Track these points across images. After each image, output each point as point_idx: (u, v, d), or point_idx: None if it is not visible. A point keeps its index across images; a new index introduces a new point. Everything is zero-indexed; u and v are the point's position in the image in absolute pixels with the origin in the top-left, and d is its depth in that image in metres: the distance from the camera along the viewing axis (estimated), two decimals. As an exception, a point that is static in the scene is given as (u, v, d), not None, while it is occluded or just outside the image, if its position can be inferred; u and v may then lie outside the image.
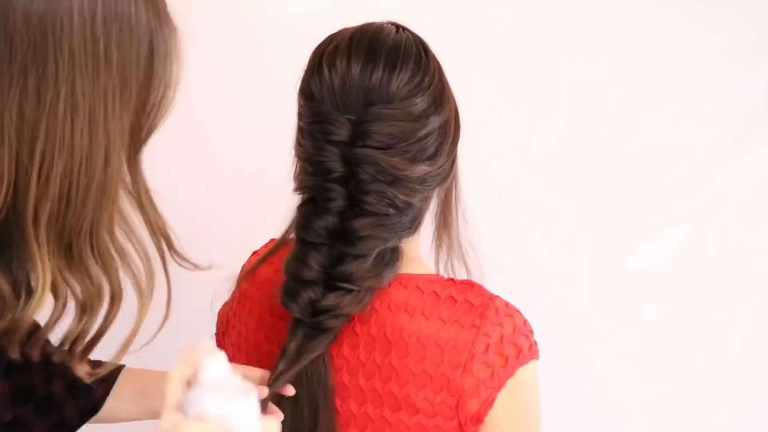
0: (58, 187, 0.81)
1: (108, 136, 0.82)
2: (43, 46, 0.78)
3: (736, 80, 1.92)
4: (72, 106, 0.79)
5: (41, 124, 0.79)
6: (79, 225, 0.83)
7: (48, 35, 0.78)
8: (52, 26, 0.78)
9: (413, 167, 1.03)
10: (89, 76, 0.80)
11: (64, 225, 0.82)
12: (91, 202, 0.83)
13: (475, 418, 1.04)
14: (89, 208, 0.83)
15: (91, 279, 0.85)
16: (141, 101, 0.85)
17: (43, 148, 0.79)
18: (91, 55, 0.79)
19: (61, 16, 0.78)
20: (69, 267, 0.84)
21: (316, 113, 1.04)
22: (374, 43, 1.04)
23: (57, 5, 0.78)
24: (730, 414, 2.02)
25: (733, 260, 1.99)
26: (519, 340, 1.05)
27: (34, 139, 0.79)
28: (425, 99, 1.03)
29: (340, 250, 1.05)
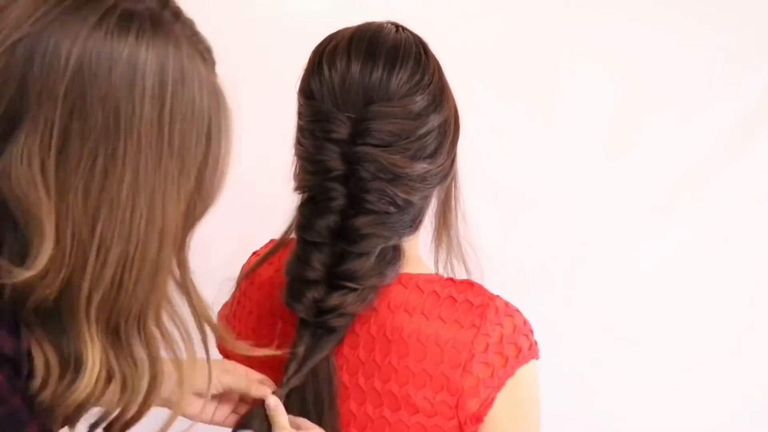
0: (113, 270, 0.81)
1: (164, 220, 0.82)
2: (116, 129, 0.78)
3: (736, 80, 1.92)
4: (134, 190, 0.80)
5: (104, 206, 0.79)
6: (129, 309, 0.83)
7: (121, 118, 0.78)
8: (125, 109, 0.78)
9: (413, 165, 1.03)
10: (153, 161, 0.80)
11: (114, 307, 0.82)
12: (143, 286, 0.83)
13: (475, 418, 1.03)
14: (140, 292, 0.83)
15: (134, 360, 0.85)
16: (197, 184, 0.85)
17: (103, 231, 0.79)
18: (156, 141, 0.80)
19: (135, 99, 0.78)
20: (114, 347, 0.84)
21: (316, 112, 1.04)
22: (374, 42, 1.04)
23: (132, 89, 0.78)
24: (730, 414, 2.02)
25: (734, 260, 1.99)
26: (519, 339, 1.05)
27: (95, 220, 0.79)
28: (425, 97, 1.04)
29: (342, 249, 1.05)
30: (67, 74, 0.76)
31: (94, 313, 0.82)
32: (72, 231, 0.79)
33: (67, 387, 0.82)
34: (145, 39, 0.79)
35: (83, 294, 0.80)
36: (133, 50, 0.78)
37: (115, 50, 0.77)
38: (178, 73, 0.80)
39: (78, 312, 0.81)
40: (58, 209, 0.78)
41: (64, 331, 0.82)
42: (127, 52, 0.78)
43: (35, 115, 0.76)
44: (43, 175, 0.77)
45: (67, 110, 0.76)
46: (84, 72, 0.76)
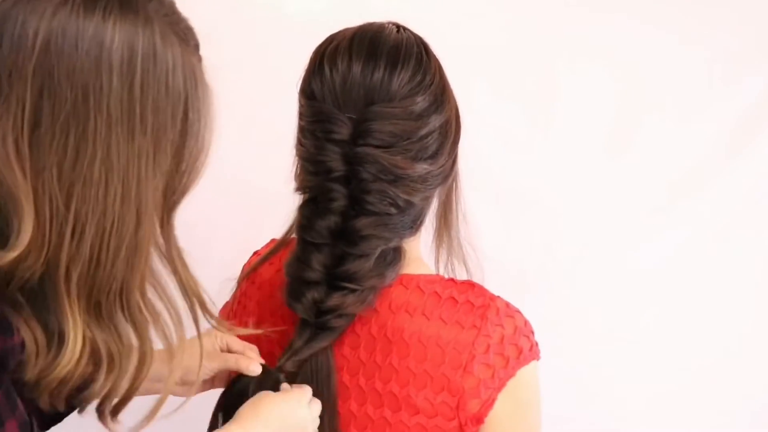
0: (89, 248, 0.81)
1: (140, 198, 0.83)
2: (85, 106, 0.78)
3: (736, 80, 1.92)
4: (107, 167, 0.80)
5: (77, 184, 0.80)
6: (109, 285, 0.84)
7: (90, 95, 0.78)
8: (93, 86, 0.78)
9: (414, 166, 1.03)
10: (125, 138, 0.80)
11: (93, 284, 0.83)
12: (121, 263, 0.83)
13: (476, 419, 1.03)
14: (119, 269, 0.83)
15: (120, 337, 0.86)
16: (175, 163, 0.85)
17: (77, 208, 0.80)
18: (128, 118, 0.80)
19: (102, 76, 0.79)
20: (98, 324, 0.85)
21: (317, 112, 1.04)
22: (375, 43, 1.04)
23: (99, 65, 0.78)
24: (730, 414, 2.02)
25: (734, 260, 1.99)
26: (520, 340, 1.05)
27: (69, 198, 0.80)
28: (426, 98, 1.04)
29: (342, 250, 1.05)
30: (35, 53, 0.77)
31: (74, 289, 0.82)
32: (49, 209, 0.79)
33: (50, 362, 0.83)
34: (111, 16, 0.79)
35: (61, 271, 0.81)
36: (100, 27, 0.78)
37: (81, 27, 0.78)
38: (148, 51, 0.80)
39: (59, 289, 0.82)
40: (35, 188, 0.79)
41: (48, 308, 0.83)
42: (93, 29, 0.78)
43: (7, 95, 0.78)
44: (17, 155, 0.78)
45: (37, 89, 0.77)
46: (51, 50, 0.77)
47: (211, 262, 1.65)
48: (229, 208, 1.87)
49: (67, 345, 0.82)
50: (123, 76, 0.79)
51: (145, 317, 0.88)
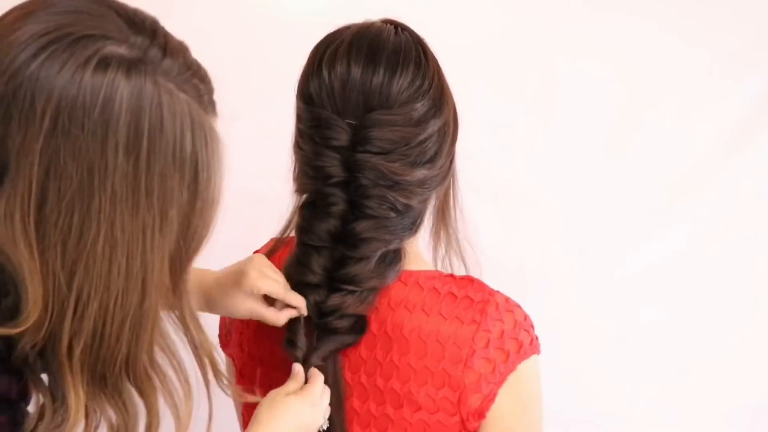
0: (92, 323, 0.80)
1: (146, 269, 0.81)
2: (90, 185, 0.77)
3: (736, 79, 1.92)
4: (111, 244, 0.79)
5: (81, 262, 0.78)
6: (114, 358, 0.83)
7: (95, 174, 0.77)
8: (98, 166, 0.77)
9: (413, 172, 1.03)
10: (129, 213, 0.79)
11: (98, 358, 0.82)
12: (127, 336, 0.82)
13: (477, 414, 1.04)
14: (124, 341, 0.83)
15: (126, 407, 0.85)
16: (183, 228, 0.84)
17: (80, 285, 0.79)
18: (132, 193, 0.79)
19: (108, 155, 0.77)
20: (104, 395, 0.84)
21: (316, 118, 1.04)
22: (374, 46, 1.03)
23: (105, 144, 0.77)
24: (730, 414, 2.02)
25: (733, 260, 1.99)
26: (520, 335, 1.05)
27: (72, 275, 0.79)
28: (425, 103, 1.03)
29: (342, 253, 1.05)
30: (42, 132, 0.75)
31: (77, 363, 0.82)
32: (52, 286, 0.78)
33: (51, 427, 0.82)
34: (119, 88, 0.77)
35: (63, 345, 0.80)
36: (106, 103, 0.76)
37: (88, 105, 0.76)
38: (155, 120, 0.78)
39: (61, 362, 0.81)
40: (41, 267, 0.78)
41: (53, 377, 0.83)
42: (100, 106, 0.76)
43: (14, 174, 0.76)
44: (24, 234, 0.77)
45: (44, 168, 0.76)
46: (57, 129, 0.76)
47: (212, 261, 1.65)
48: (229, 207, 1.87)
49: (68, 416, 0.82)
50: (129, 151, 0.78)
51: (153, 384, 0.87)
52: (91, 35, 0.77)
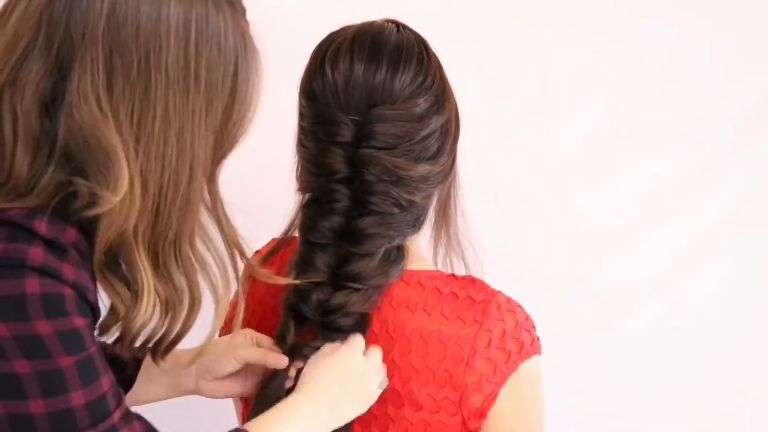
0: (151, 200, 0.86)
1: (194, 152, 0.88)
2: (146, 66, 0.84)
3: (736, 79, 1.92)
4: (165, 124, 0.85)
5: (141, 140, 0.85)
6: (165, 236, 0.89)
7: (151, 55, 0.84)
8: (153, 47, 0.84)
9: (416, 167, 1.04)
10: (181, 96, 0.86)
11: (152, 235, 0.88)
12: (176, 215, 0.88)
13: (479, 413, 1.04)
14: (174, 220, 0.88)
15: (174, 285, 0.91)
16: (224, 119, 0.90)
17: (142, 164, 0.85)
18: (183, 76, 0.85)
19: (161, 37, 0.84)
20: (156, 273, 0.89)
21: (320, 114, 1.04)
22: (377, 43, 1.04)
23: (158, 27, 0.84)
24: (730, 414, 2.02)
25: (734, 260, 1.99)
26: (521, 335, 1.05)
27: (136, 153, 0.85)
28: (428, 99, 1.04)
29: (346, 250, 1.05)
30: (103, 15, 0.82)
31: (141, 241, 0.87)
32: (126, 164, 0.84)
33: (132, 313, 0.88)
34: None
35: (131, 224, 0.86)
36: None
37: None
38: (202, 13, 0.86)
39: (129, 243, 0.87)
40: (120, 139, 0.84)
41: (122, 262, 0.89)
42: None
43: (83, 56, 0.83)
44: (101, 111, 0.83)
45: (107, 49, 0.83)
46: (117, 13, 0.82)
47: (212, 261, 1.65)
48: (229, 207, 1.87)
49: (142, 296, 0.88)
50: (179, 37, 0.84)
51: (194, 266, 0.92)
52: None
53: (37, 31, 0.83)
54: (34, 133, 0.84)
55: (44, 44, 0.83)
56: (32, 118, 0.84)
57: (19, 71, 0.84)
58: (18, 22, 0.84)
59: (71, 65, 0.83)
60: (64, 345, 0.82)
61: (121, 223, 0.85)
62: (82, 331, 0.84)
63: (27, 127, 0.84)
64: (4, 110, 0.84)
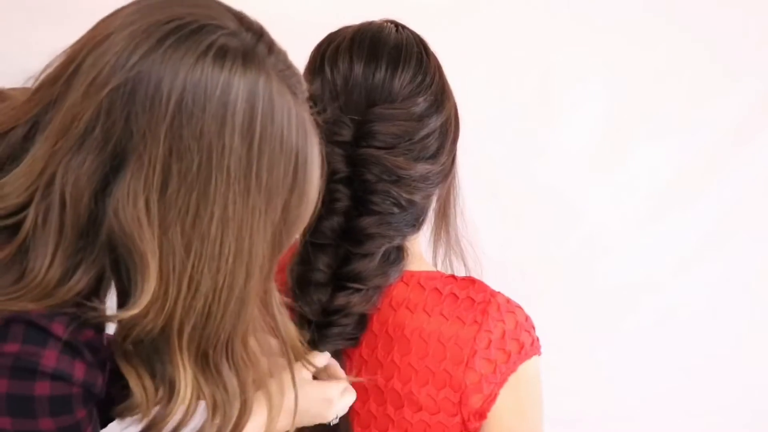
0: (203, 301, 0.83)
1: (252, 252, 0.84)
2: (208, 166, 0.80)
3: (736, 79, 1.92)
4: (223, 224, 0.82)
5: (195, 241, 0.81)
6: (217, 336, 0.86)
7: (213, 155, 0.80)
8: (216, 147, 0.80)
9: (416, 166, 1.04)
10: (241, 196, 0.82)
11: (203, 336, 0.85)
12: (230, 316, 0.85)
13: (478, 414, 1.04)
14: (228, 321, 0.86)
15: (225, 386, 0.89)
16: (284, 215, 0.86)
17: (194, 265, 0.82)
18: (244, 176, 0.81)
19: (225, 137, 0.80)
20: (204, 374, 0.87)
21: (319, 114, 1.04)
22: (376, 43, 1.04)
23: (223, 127, 0.80)
24: (730, 414, 2.02)
25: (734, 260, 1.99)
26: (521, 335, 1.05)
27: (187, 254, 0.81)
28: (427, 98, 1.04)
29: (346, 250, 1.05)
30: (168, 114, 0.78)
31: (186, 341, 0.85)
32: (171, 266, 0.81)
33: (162, 411, 0.86)
34: (236, 76, 0.80)
35: (175, 324, 0.83)
36: (225, 89, 0.80)
37: (209, 89, 0.79)
38: (267, 109, 0.82)
39: (171, 341, 0.84)
40: (161, 246, 0.81)
41: (158, 360, 0.86)
42: (220, 91, 0.79)
43: (140, 154, 0.79)
44: (147, 213, 0.80)
45: (167, 149, 0.79)
46: (182, 112, 0.79)
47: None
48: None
49: (178, 394, 0.85)
50: (244, 136, 0.81)
51: (247, 366, 0.90)
52: (209, 24, 0.81)
53: (96, 119, 0.79)
54: (81, 223, 0.81)
55: (101, 135, 0.79)
56: (81, 208, 0.81)
57: (72, 159, 0.80)
58: (76, 104, 0.80)
59: (126, 159, 0.79)
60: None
61: (148, 322, 0.82)
62: (83, 422, 0.83)
63: (74, 217, 0.81)
64: (53, 198, 0.80)
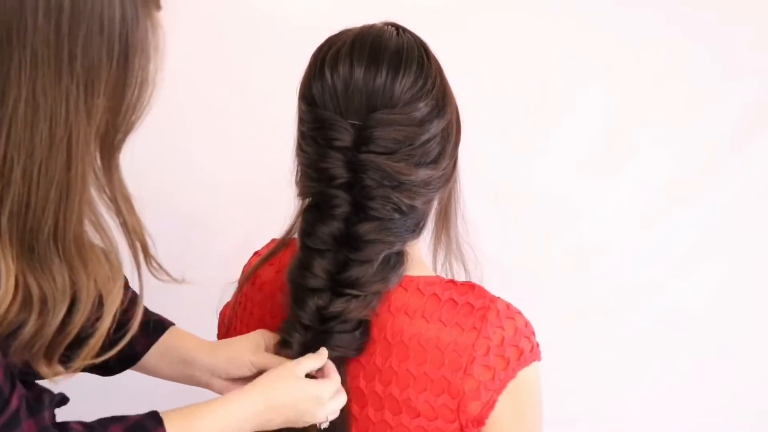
0: (17, 190, 0.80)
1: (71, 138, 0.80)
2: (8, 46, 0.77)
3: (736, 80, 1.92)
4: (33, 108, 0.78)
5: (3, 125, 0.78)
6: (40, 228, 0.82)
7: (12, 35, 0.76)
8: (16, 25, 0.76)
9: (417, 171, 1.03)
10: (51, 78, 0.78)
11: (24, 227, 0.81)
12: (52, 205, 0.81)
13: (477, 421, 1.04)
14: (50, 211, 0.82)
15: (54, 280, 0.84)
16: (115, 102, 0.83)
17: (3, 151, 0.79)
18: (54, 56, 0.78)
19: (26, 15, 0.76)
20: (31, 268, 0.83)
21: (319, 119, 1.03)
22: (377, 47, 1.03)
23: (22, 3, 0.76)
24: (731, 414, 2.03)
25: (733, 260, 1.99)
26: (520, 342, 1.05)
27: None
28: (428, 103, 1.03)
29: (345, 256, 1.04)
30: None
31: (4, 232, 0.81)
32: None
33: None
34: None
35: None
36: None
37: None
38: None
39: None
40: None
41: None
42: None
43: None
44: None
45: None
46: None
47: (212, 261, 1.66)
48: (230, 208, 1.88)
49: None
50: (49, 13, 0.77)
51: (82, 259, 0.85)
52: None
53: None
54: None
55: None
56: None
57: None
58: None
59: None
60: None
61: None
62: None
63: None
64: None
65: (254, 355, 1.11)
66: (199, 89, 1.74)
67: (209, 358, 1.15)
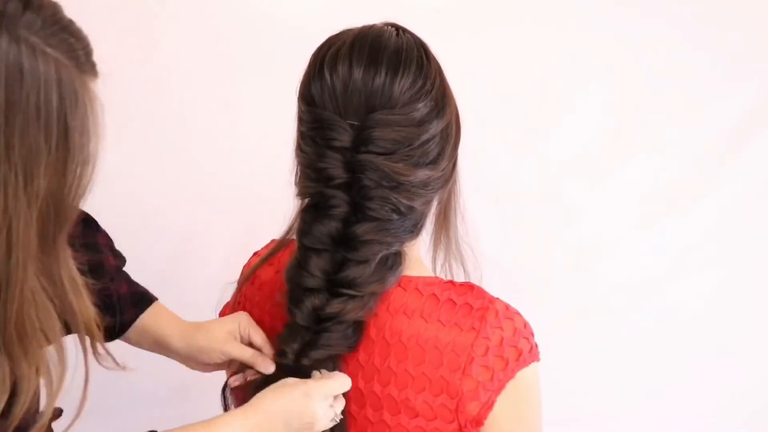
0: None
1: (10, 227, 0.78)
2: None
3: (736, 80, 1.92)
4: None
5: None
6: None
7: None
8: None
9: (416, 172, 1.03)
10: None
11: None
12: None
13: (475, 421, 1.03)
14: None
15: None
16: (56, 183, 0.80)
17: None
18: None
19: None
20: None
21: (318, 119, 1.03)
22: (376, 47, 1.03)
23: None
24: (730, 414, 2.03)
25: (732, 260, 1.99)
26: (519, 342, 1.05)
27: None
28: (427, 104, 1.03)
29: (342, 256, 1.04)
30: None
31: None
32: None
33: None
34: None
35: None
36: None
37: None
38: (14, 73, 0.75)
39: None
40: None
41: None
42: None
43: None
44: None
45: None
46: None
47: (212, 262, 1.66)
48: (230, 208, 1.88)
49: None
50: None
51: (23, 348, 0.83)
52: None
53: None
54: None
55: None
56: None
57: None
58: None
59: None
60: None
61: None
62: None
63: None
64: None
65: (226, 344, 1.14)
66: (198, 89, 1.74)
67: (181, 346, 1.18)
